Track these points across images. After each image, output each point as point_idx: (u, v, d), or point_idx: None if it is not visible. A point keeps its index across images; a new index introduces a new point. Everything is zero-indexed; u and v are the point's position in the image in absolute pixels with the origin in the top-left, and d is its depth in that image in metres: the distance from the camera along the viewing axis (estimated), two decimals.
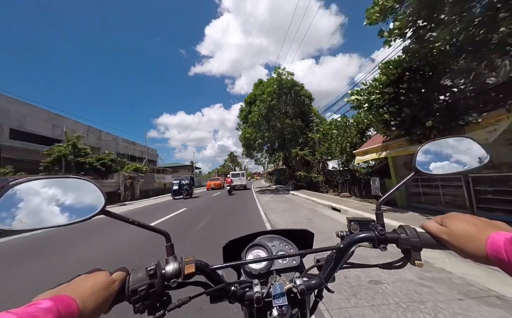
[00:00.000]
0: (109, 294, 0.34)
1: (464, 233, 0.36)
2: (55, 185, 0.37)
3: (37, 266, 3.38)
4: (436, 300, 1.93)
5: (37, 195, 0.35)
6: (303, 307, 0.48)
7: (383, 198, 0.51)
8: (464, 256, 0.36)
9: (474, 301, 1.92)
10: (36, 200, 0.35)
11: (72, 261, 3.51)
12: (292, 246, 0.64)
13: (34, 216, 0.34)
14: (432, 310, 1.79)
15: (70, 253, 4.01)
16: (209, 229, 5.28)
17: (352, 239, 0.46)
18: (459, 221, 0.38)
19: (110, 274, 0.37)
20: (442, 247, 0.40)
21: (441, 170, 0.50)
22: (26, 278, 2.92)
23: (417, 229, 0.44)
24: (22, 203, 0.34)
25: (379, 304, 1.90)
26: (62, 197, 0.37)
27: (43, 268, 3.24)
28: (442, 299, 1.95)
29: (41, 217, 0.34)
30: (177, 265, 0.41)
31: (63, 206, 0.36)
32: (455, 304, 1.86)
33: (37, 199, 0.35)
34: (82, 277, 0.34)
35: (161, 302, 0.41)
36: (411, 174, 0.51)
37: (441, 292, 2.08)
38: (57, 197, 0.36)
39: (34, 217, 0.34)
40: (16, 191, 0.34)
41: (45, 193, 0.36)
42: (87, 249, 4.19)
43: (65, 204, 0.37)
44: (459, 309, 1.80)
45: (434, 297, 1.98)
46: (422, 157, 0.52)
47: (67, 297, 0.28)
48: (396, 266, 0.46)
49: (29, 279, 2.88)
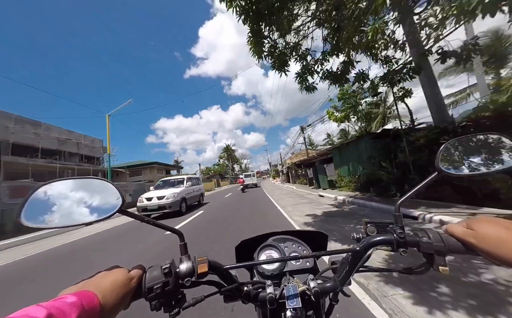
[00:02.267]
0: (128, 290, 0.36)
1: (495, 236, 0.34)
2: (78, 186, 0.39)
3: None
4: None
5: (62, 195, 0.37)
6: (318, 310, 0.47)
7: (401, 200, 0.48)
8: (495, 261, 0.33)
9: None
10: (61, 200, 0.37)
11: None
12: (305, 248, 0.63)
13: (60, 215, 0.36)
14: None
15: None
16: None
17: (369, 242, 0.44)
18: (488, 224, 0.36)
19: (128, 271, 0.38)
20: (470, 252, 0.37)
21: (469, 170, 0.47)
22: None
23: (440, 233, 0.41)
24: (48, 203, 0.36)
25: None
26: (85, 197, 0.39)
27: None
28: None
29: (66, 216, 0.36)
30: (191, 264, 0.42)
31: (86, 206, 0.39)
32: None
33: (62, 199, 0.37)
34: (103, 273, 0.36)
35: (176, 300, 0.42)
36: (433, 174, 0.47)
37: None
38: (80, 197, 0.39)
39: (59, 216, 0.36)
40: (43, 192, 0.36)
41: (70, 194, 0.38)
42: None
43: (88, 204, 0.39)
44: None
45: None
46: (447, 156, 0.48)
47: (89, 293, 0.29)
48: (417, 271, 0.44)
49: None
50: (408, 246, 0.42)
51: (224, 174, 68.83)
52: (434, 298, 1.77)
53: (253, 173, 27.98)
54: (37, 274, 3.58)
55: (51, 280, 3.23)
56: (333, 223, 4.70)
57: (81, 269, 3.60)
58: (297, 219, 5.56)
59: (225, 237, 4.41)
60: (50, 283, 3.12)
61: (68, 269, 3.69)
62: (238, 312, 1.81)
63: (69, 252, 4.89)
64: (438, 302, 1.69)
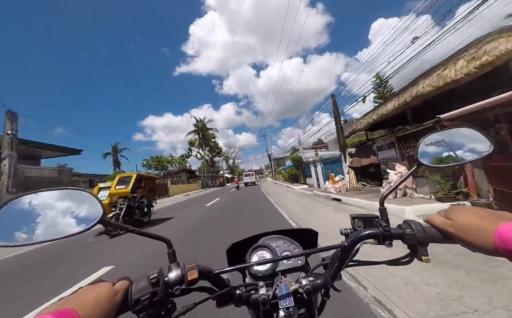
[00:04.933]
0: (113, 305, 0.34)
1: (470, 225, 0.36)
2: (52, 198, 0.37)
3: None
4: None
5: (35, 209, 0.35)
6: (311, 308, 0.48)
7: (386, 193, 0.50)
8: (472, 248, 0.35)
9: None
10: (33, 214, 0.34)
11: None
12: (296, 246, 0.63)
13: (33, 230, 0.33)
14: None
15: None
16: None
17: (356, 236, 0.45)
18: (464, 213, 0.38)
19: (113, 284, 0.37)
20: (448, 241, 0.39)
21: (444, 162, 0.50)
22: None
23: (422, 224, 0.43)
24: (20, 218, 0.33)
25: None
26: (60, 209, 0.36)
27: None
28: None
29: (40, 230, 0.34)
30: (180, 271, 0.41)
31: (62, 218, 0.36)
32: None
33: (34, 213, 0.34)
34: (85, 289, 0.34)
35: (166, 310, 0.40)
36: (414, 167, 0.50)
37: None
38: (55, 209, 0.36)
39: (32, 231, 0.33)
40: (13, 206, 0.33)
41: (43, 207, 0.35)
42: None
43: (64, 216, 0.36)
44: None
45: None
46: (425, 149, 0.51)
47: (70, 311, 0.27)
48: (403, 262, 0.46)
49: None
50: (393, 238, 0.43)
51: (214, 173, 48.79)
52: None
53: (252, 173, 36.54)
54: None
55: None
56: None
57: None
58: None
59: None
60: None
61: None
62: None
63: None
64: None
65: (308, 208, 6.77)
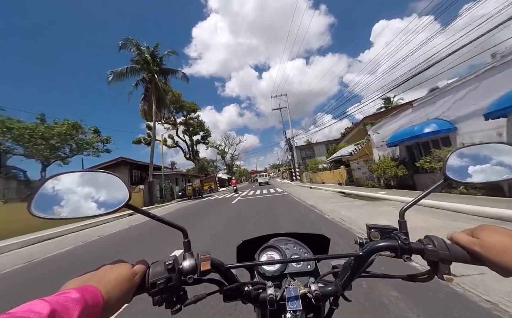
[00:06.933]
0: (131, 286, 0.36)
1: (501, 245, 0.33)
2: (86, 179, 0.40)
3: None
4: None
5: (72, 187, 0.38)
6: (318, 314, 0.47)
7: (406, 206, 0.48)
8: (501, 270, 0.33)
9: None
10: (70, 192, 0.38)
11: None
12: (306, 250, 0.63)
13: (69, 206, 0.37)
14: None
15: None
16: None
17: (372, 247, 0.43)
18: (494, 233, 0.35)
19: (132, 266, 0.39)
20: (475, 262, 0.37)
21: (476, 178, 0.46)
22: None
23: (445, 241, 0.41)
24: (58, 195, 0.37)
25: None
26: (92, 190, 0.39)
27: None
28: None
29: (75, 207, 0.37)
30: (194, 261, 0.42)
31: (93, 199, 0.39)
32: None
33: (71, 191, 0.38)
34: (107, 267, 0.36)
35: (178, 296, 0.42)
36: (440, 181, 0.47)
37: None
38: (87, 190, 0.39)
39: (68, 207, 0.37)
40: (53, 183, 0.37)
41: (79, 186, 0.39)
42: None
43: (95, 197, 0.39)
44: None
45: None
46: (454, 164, 0.48)
47: (93, 288, 0.30)
48: (422, 279, 0.43)
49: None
50: (413, 253, 0.41)
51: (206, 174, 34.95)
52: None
53: (265, 174, 37.08)
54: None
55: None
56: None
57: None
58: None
59: None
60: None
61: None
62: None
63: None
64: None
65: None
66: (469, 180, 0.47)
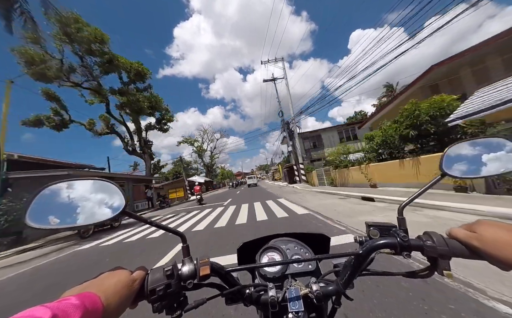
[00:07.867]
0: (130, 292, 0.36)
1: (499, 239, 0.34)
2: (81, 186, 0.39)
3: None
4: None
5: (66, 195, 0.37)
6: (320, 314, 0.47)
7: (405, 203, 0.48)
8: (499, 264, 0.33)
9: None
10: (64, 201, 0.37)
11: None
12: (307, 250, 0.63)
13: (63, 216, 0.36)
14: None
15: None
16: None
17: (372, 245, 0.44)
18: (491, 227, 0.36)
19: (131, 273, 0.39)
20: (474, 256, 0.37)
21: (473, 173, 0.47)
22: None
23: (444, 236, 0.41)
24: (52, 204, 0.36)
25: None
26: (88, 198, 0.39)
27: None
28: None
29: (71, 217, 0.37)
30: (193, 266, 0.42)
31: (89, 207, 0.39)
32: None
33: (65, 200, 0.37)
34: (106, 274, 0.36)
35: (178, 302, 0.42)
36: (437, 177, 0.47)
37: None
38: (83, 198, 0.39)
39: (63, 217, 0.36)
40: (47, 192, 0.36)
41: (73, 194, 0.38)
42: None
43: (92, 205, 0.39)
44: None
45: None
46: (450, 159, 0.48)
47: (92, 295, 0.30)
48: (422, 275, 0.44)
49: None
50: (412, 249, 0.42)
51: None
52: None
53: (254, 176, 38.45)
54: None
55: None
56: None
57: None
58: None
59: None
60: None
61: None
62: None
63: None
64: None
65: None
66: (465, 175, 0.47)
